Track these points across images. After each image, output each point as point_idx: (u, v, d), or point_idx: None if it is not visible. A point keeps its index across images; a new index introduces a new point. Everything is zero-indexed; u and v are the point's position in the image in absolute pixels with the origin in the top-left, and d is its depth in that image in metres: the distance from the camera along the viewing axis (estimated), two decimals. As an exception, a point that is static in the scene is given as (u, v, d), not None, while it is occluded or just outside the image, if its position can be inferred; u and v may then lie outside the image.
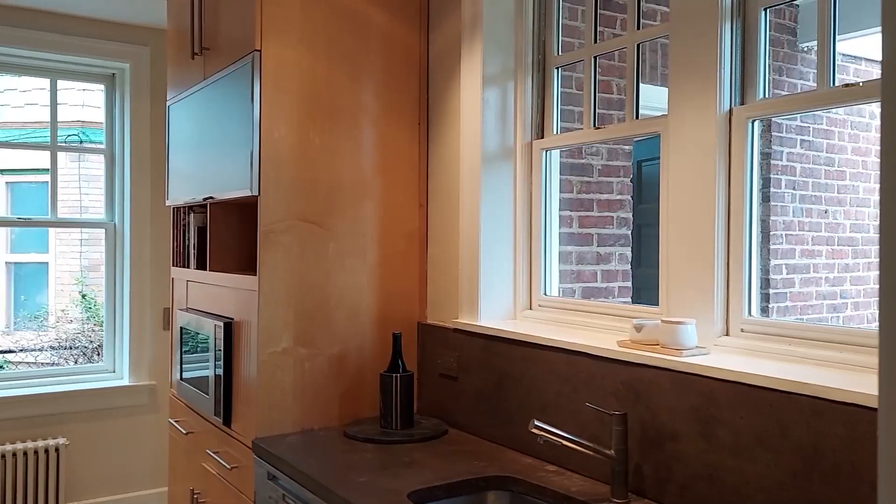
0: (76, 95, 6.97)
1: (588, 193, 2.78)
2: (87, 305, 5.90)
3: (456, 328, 2.27)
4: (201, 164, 2.56)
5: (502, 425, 2.08)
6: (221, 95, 2.38)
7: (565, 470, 1.85)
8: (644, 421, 1.66)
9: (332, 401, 2.28)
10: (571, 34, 2.72)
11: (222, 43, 2.38)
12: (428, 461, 1.91)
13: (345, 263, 2.31)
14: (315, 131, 2.25)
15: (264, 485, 2.05)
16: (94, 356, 5.22)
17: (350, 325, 2.32)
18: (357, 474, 1.79)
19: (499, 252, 2.24)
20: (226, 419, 2.33)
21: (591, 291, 2.80)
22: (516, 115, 2.26)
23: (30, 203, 7.00)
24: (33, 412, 3.46)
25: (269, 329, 2.18)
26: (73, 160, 7.01)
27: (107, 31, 3.64)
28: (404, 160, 2.42)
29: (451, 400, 2.29)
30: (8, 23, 3.40)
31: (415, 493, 1.67)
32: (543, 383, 1.94)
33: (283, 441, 2.10)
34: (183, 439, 2.73)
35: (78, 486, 3.58)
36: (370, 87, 2.34)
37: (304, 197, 2.23)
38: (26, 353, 5.60)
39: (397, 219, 2.41)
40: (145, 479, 3.76)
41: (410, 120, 2.43)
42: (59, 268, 6.84)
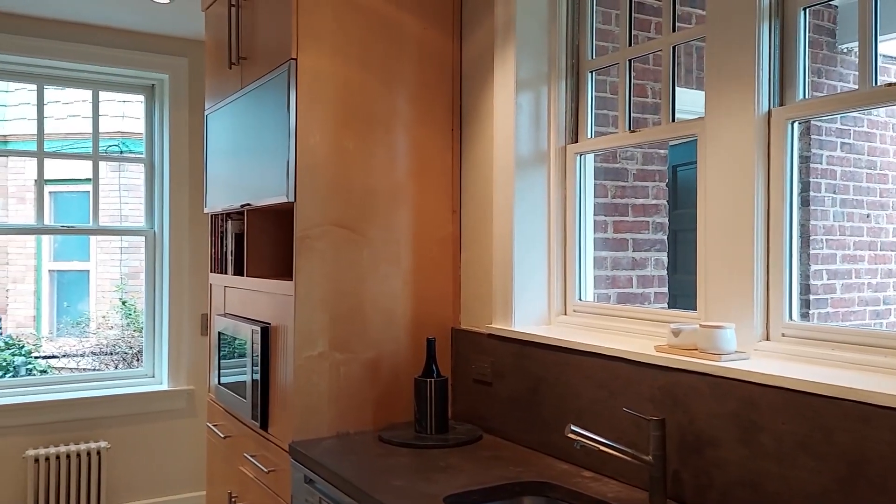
0: (116, 107, 7.14)
1: (623, 198, 2.76)
2: (127, 312, 6.03)
3: (490, 333, 2.27)
4: (238, 172, 2.60)
5: (537, 431, 2.07)
6: (258, 104, 2.42)
7: (602, 476, 1.83)
8: (682, 426, 1.64)
9: (366, 405, 2.29)
10: (605, 38, 2.71)
11: (259, 53, 2.43)
12: (463, 466, 1.90)
13: (379, 269, 2.32)
14: (349, 138, 2.27)
15: (301, 488, 2.06)
16: (133, 362, 5.32)
17: (384, 330, 2.33)
18: (393, 478, 1.80)
19: (533, 257, 2.24)
20: (263, 423, 2.36)
21: (627, 297, 2.77)
22: (550, 120, 2.25)
23: (72, 212, 7.18)
24: (76, 416, 3.54)
25: (306, 333, 2.20)
26: (114, 170, 7.18)
27: (147, 44, 3.73)
28: (437, 166, 2.43)
29: (485, 405, 2.29)
30: (54, 36, 3.51)
31: (451, 498, 1.66)
32: (579, 389, 1.93)
33: (319, 445, 2.11)
34: (221, 443, 2.76)
35: (119, 489, 3.65)
36: (403, 93, 2.36)
37: (338, 203, 2.25)
38: (69, 358, 5.74)
39: (430, 224, 2.42)
40: (184, 482, 3.82)
41: (443, 126, 2.44)
42: (99, 275, 7.00)
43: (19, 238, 7.26)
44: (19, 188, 7.50)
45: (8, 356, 5.11)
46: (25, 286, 7.15)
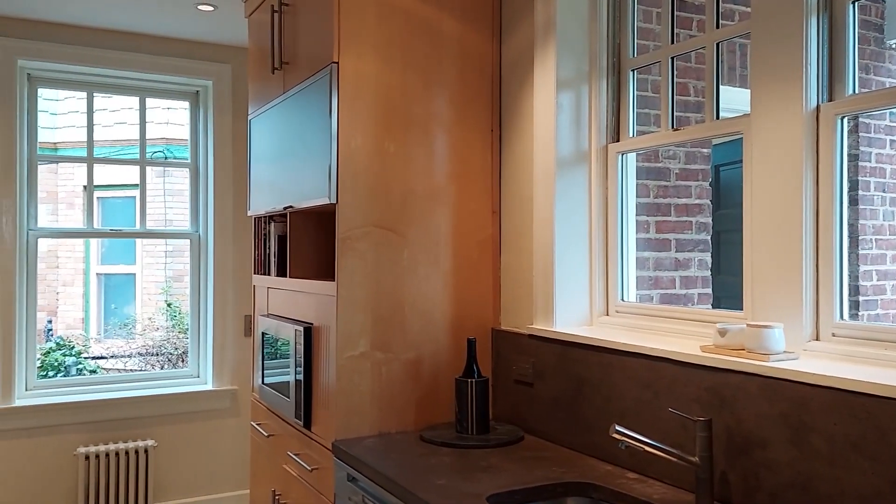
0: (162, 114, 7.32)
1: (665, 198, 2.73)
2: (172, 314, 6.16)
3: (531, 334, 2.26)
4: (281, 175, 2.64)
5: (580, 432, 2.06)
6: (300, 107, 2.45)
7: (646, 477, 1.81)
8: (730, 427, 1.61)
9: (408, 405, 2.30)
10: (645, 37, 2.68)
11: (301, 57, 2.46)
12: (505, 466, 1.90)
13: (418, 270, 2.33)
14: (390, 140, 2.29)
15: (344, 486, 2.08)
16: (178, 363, 5.44)
17: (424, 330, 2.34)
18: (435, 477, 1.81)
19: (574, 258, 2.23)
20: (306, 422, 2.39)
21: (670, 298, 2.74)
22: (591, 119, 2.24)
23: (118, 216, 7.37)
24: (124, 415, 3.63)
25: (347, 333, 2.22)
26: (158, 175, 7.36)
27: (191, 51, 3.82)
28: (477, 167, 2.43)
29: (526, 406, 2.28)
30: (103, 45, 3.61)
31: (494, 497, 1.67)
32: (622, 390, 1.91)
33: (361, 444, 2.13)
34: (264, 442, 2.81)
35: (165, 486, 3.73)
36: (443, 95, 2.37)
37: (379, 204, 2.27)
38: (116, 359, 5.89)
39: (470, 226, 2.42)
40: (228, 481, 3.88)
41: (483, 127, 2.44)
42: (145, 278, 7.17)
43: (69, 242, 7.47)
44: (68, 194, 7.73)
45: (59, 356, 5.27)
46: (75, 289, 7.36)
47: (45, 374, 4.96)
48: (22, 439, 3.45)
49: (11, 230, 3.44)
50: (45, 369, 5.00)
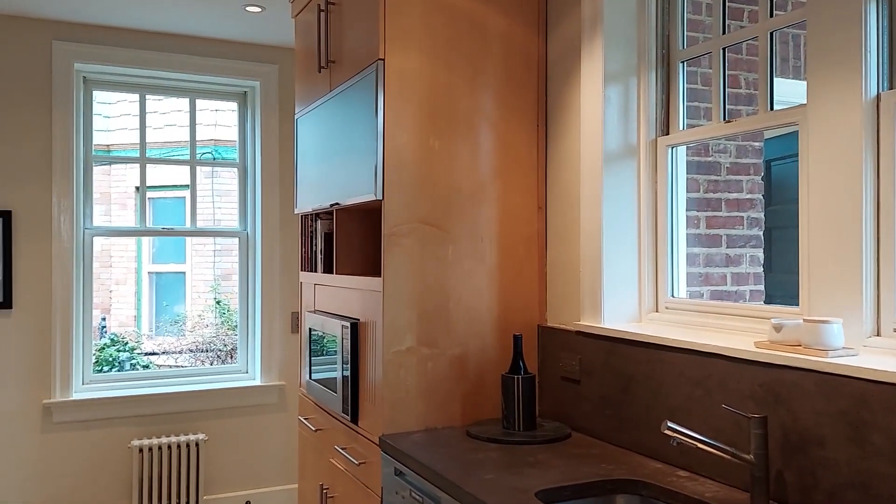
0: (209, 116, 7.47)
1: (715, 192, 2.67)
2: (221, 311, 6.29)
3: (578, 331, 2.24)
4: (327, 172, 2.67)
5: (628, 429, 2.03)
6: (346, 105, 2.48)
7: (698, 475, 1.78)
8: (785, 425, 1.57)
9: (454, 401, 2.30)
10: (694, 29, 2.63)
11: (347, 55, 2.49)
12: (553, 462, 1.89)
13: (464, 266, 2.33)
14: (435, 136, 2.29)
15: (391, 480, 2.10)
16: (227, 359, 5.55)
17: (470, 326, 2.34)
18: (483, 472, 1.80)
19: (622, 254, 2.20)
20: (353, 416, 2.41)
21: (720, 295, 2.68)
22: (639, 112, 2.21)
23: (168, 216, 7.55)
24: (176, 409, 3.72)
25: (394, 328, 2.23)
26: (207, 176, 7.51)
27: (239, 52, 3.89)
28: (523, 163, 2.42)
29: (573, 403, 2.26)
30: (154, 48, 3.70)
31: (542, 493, 1.65)
32: (672, 387, 1.88)
33: (408, 438, 2.14)
34: (312, 436, 2.84)
35: (215, 479, 3.81)
36: (489, 91, 2.37)
37: (424, 200, 2.28)
38: (167, 355, 6.04)
39: (516, 221, 2.41)
40: (276, 475, 3.94)
41: (529, 122, 2.43)
42: (194, 277, 7.34)
43: (122, 242, 7.69)
44: (121, 195, 7.95)
45: (113, 352, 5.43)
46: (127, 287, 7.57)
47: (101, 369, 5.12)
48: (79, 431, 3.56)
49: (69, 229, 3.56)
50: (100, 364, 5.17)
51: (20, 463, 3.45)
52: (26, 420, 3.47)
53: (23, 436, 3.46)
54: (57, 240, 3.52)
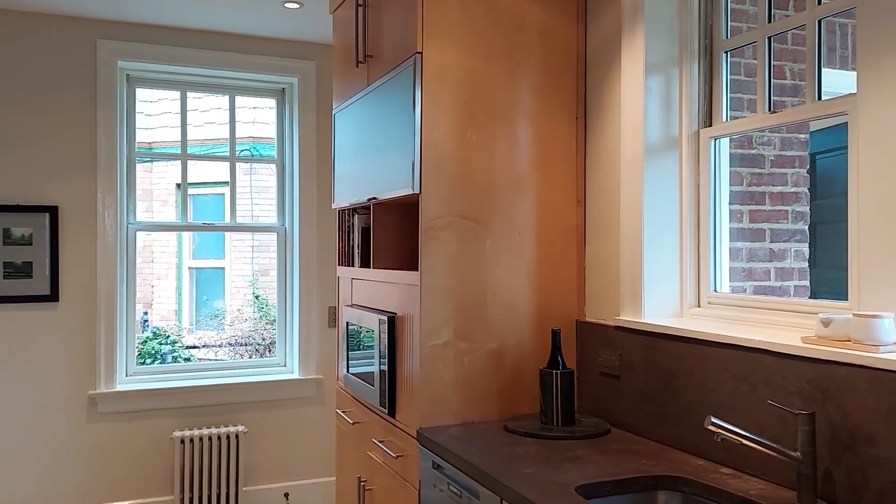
0: (248, 113, 7.57)
1: (759, 186, 2.62)
2: (260, 306, 6.37)
3: (618, 326, 2.21)
4: (365, 167, 2.68)
5: (670, 425, 2.00)
6: (384, 99, 2.48)
7: (741, 473, 1.74)
8: (834, 422, 1.53)
9: (491, 395, 2.30)
10: (737, 19, 2.58)
11: (384, 50, 2.49)
12: (592, 457, 1.87)
13: (501, 260, 2.32)
14: (473, 129, 2.28)
15: (429, 473, 2.10)
16: (265, 353, 5.63)
17: (507, 321, 2.33)
18: (521, 466, 1.79)
19: (663, 248, 2.16)
20: (390, 410, 2.42)
21: (764, 291, 2.62)
22: (681, 104, 2.17)
23: (207, 212, 7.68)
24: (217, 401, 3.78)
25: (431, 322, 2.23)
26: (245, 173, 7.61)
27: (278, 49, 3.93)
28: (561, 156, 2.40)
29: (612, 399, 2.24)
30: (195, 45, 3.76)
31: (582, 488, 1.64)
32: (716, 382, 1.85)
33: (445, 432, 2.14)
34: (350, 429, 2.86)
35: (255, 471, 3.86)
36: (527, 83, 2.35)
37: (462, 194, 2.27)
38: (207, 348, 6.15)
39: (554, 216, 2.39)
40: (314, 467, 3.99)
41: (568, 115, 2.41)
42: (233, 272, 7.45)
43: (163, 238, 7.84)
44: (162, 191, 8.10)
45: (156, 345, 5.55)
46: (168, 282, 7.72)
47: (143, 362, 5.24)
48: (123, 422, 3.64)
49: (113, 224, 3.63)
50: (142, 357, 5.28)
51: (68, 451, 3.55)
52: (73, 410, 3.56)
53: (70, 425, 3.55)
54: (101, 235, 3.60)
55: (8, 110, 3.47)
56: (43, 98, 3.52)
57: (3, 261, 3.44)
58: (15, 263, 3.45)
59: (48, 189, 3.53)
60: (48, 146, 3.53)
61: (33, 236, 3.48)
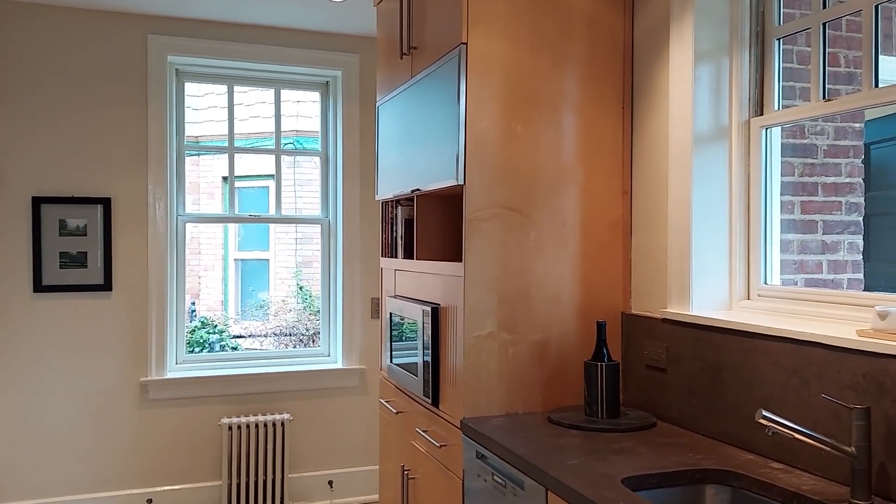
0: (291, 107, 7.66)
1: (811, 176, 2.55)
2: (304, 297, 6.46)
3: (664, 318, 2.19)
4: (408, 159, 2.69)
5: (717, 419, 1.97)
6: (428, 90, 2.49)
7: (792, 468, 1.71)
8: (890, 417, 1.49)
9: (535, 387, 2.29)
10: (790, 5, 2.51)
11: (429, 41, 2.49)
12: (638, 450, 1.86)
13: (545, 252, 2.31)
14: (517, 120, 2.28)
15: (473, 463, 2.11)
16: (309, 343, 5.71)
17: (551, 313, 2.32)
18: (566, 457, 1.79)
19: (712, 239, 2.13)
20: (434, 400, 2.43)
21: (816, 284, 2.56)
22: (732, 92, 2.13)
23: (251, 205, 7.80)
24: (263, 389, 3.85)
25: (475, 313, 2.24)
26: (289, 166, 7.71)
27: (322, 42, 3.96)
28: (607, 146, 2.38)
29: (658, 392, 2.21)
30: (241, 39, 3.82)
31: (629, 479, 1.63)
32: (766, 376, 1.81)
33: (489, 422, 2.15)
34: (393, 418, 2.89)
35: (300, 458, 3.93)
36: (572, 73, 2.33)
37: (506, 185, 2.27)
38: (253, 338, 6.27)
39: (599, 207, 2.37)
40: (358, 456, 4.04)
41: (614, 105, 2.38)
42: (277, 263, 7.57)
43: (209, 231, 7.99)
44: (209, 185, 8.26)
45: (204, 334, 5.68)
46: (215, 274, 7.88)
47: (192, 351, 5.37)
48: (173, 408, 3.74)
49: (163, 216, 3.72)
50: (191, 346, 5.42)
51: (121, 436, 3.66)
52: (125, 396, 3.66)
53: (122, 411, 3.66)
54: (152, 226, 3.70)
55: (64, 105, 3.58)
56: (97, 93, 3.62)
57: (60, 251, 3.55)
58: (70, 254, 3.57)
59: (101, 181, 3.63)
60: (102, 140, 3.63)
61: (87, 227, 3.59)
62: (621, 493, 1.53)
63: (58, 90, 3.57)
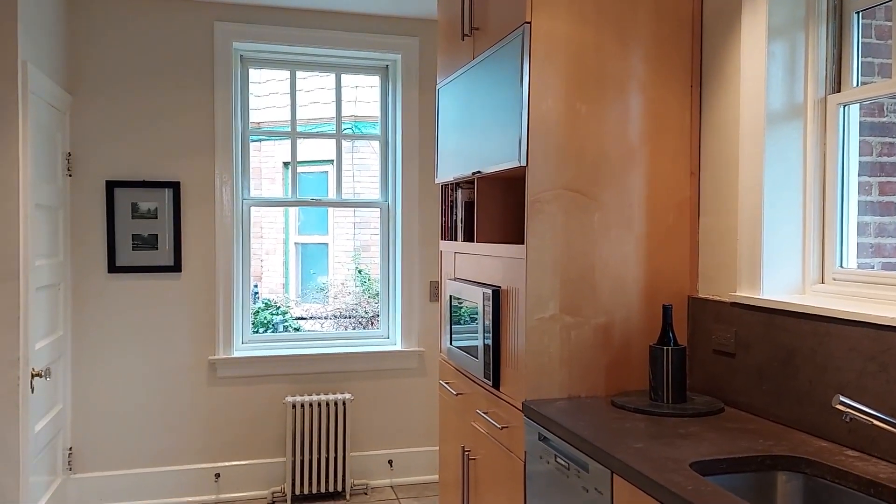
0: (350, 92, 7.73)
1: (891, 156, 2.44)
2: (363, 280, 6.55)
3: (734, 302, 2.14)
4: (469, 141, 2.69)
5: (788, 405, 1.92)
6: (491, 71, 2.47)
7: (869, 456, 1.65)
8: (979, 407, 1.43)
9: (597, 370, 2.28)
10: (870, -23, 2.40)
11: (491, 21, 2.48)
12: (705, 435, 1.82)
13: (610, 234, 2.28)
14: (581, 100, 2.25)
15: (535, 445, 2.11)
16: (368, 325, 5.79)
17: (615, 296, 2.29)
18: (632, 440, 1.77)
19: (785, 221, 2.06)
20: (494, 382, 2.44)
21: (894, 268, 2.45)
22: (807, 69, 2.05)
23: (310, 190, 7.92)
24: (325, 369, 3.93)
25: (537, 296, 2.23)
26: (348, 151, 7.79)
27: (381, 26, 3.98)
28: (674, 126, 2.32)
29: (726, 377, 2.17)
30: (304, 25, 3.87)
31: (697, 464, 1.60)
32: (842, 361, 1.76)
33: (551, 405, 2.14)
34: (453, 400, 2.91)
35: (360, 437, 4.00)
36: (638, 52, 2.28)
37: (569, 167, 2.24)
38: (314, 320, 6.39)
39: (666, 188, 2.32)
40: (416, 436, 4.09)
41: (682, 83, 2.32)
42: (336, 247, 7.68)
43: (271, 215, 8.16)
44: (270, 170, 8.42)
45: (268, 315, 5.82)
46: (276, 257, 8.05)
47: (256, 331, 5.51)
48: (240, 386, 3.85)
49: (230, 199, 3.82)
50: (255, 326, 5.56)
51: (191, 412, 3.79)
52: (195, 374, 3.79)
53: (192, 388, 3.79)
54: (219, 209, 3.80)
55: (135, 92, 3.69)
56: (166, 80, 3.73)
57: (132, 233, 3.68)
58: (142, 236, 3.70)
59: (171, 165, 3.74)
60: (171, 125, 3.74)
61: (158, 210, 3.71)
62: (690, 477, 1.51)
63: (129, 78, 3.68)
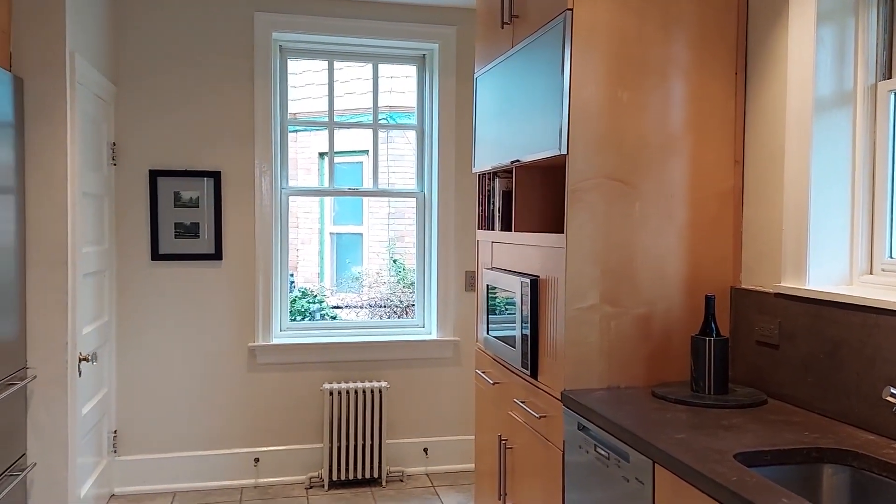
0: (385, 83, 7.74)
1: (944, 144, 2.37)
2: (397, 270, 6.58)
3: (778, 293, 2.10)
4: (507, 129, 2.68)
5: (834, 397, 1.88)
6: (530, 59, 2.46)
7: (921, 452, 1.62)
8: None
9: (637, 361, 2.26)
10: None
11: (531, 8, 2.46)
12: (748, 426, 1.80)
13: (650, 223, 2.26)
14: (623, 88, 2.22)
15: (574, 435, 2.10)
16: (403, 315, 5.83)
17: (656, 286, 2.27)
18: (673, 431, 1.76)
19: (832, 211, 2.02)
20: (532, 371, 2.44)
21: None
22: (857, 55, 2.00)
23: (345, 180, 7.98)
24: (361, 357, 3.97)
25: (576, 285, 2.22)
26: (383, 141, 7.82)
27: (418, 15, 3.98)
28: (718, 114, 2.29)
29: (769, 369, 2.13)
30: (341, 15, 3.89)
31: (741, 455, 1.59)
32: (891, 354, 1.72)
33: (591, 395, 2.14)
34: (490, 389, 2.91)
35: (396, 424, 4.04)
36: (682, 38, 2.25)
37: (610, 155, 2.22)
38: (349, 309, 6.45)
39: (709, 177, 2.29)
40: (451, 425, 4.11)
41: (726, 70, 2.28)
42: (371, 237, 7.73)
43: (306, 205, 8.24)
44: (305, 160, 8.49)
45: (305, 304, 5.88)
46: (311, 247, 8.13)
47: (294, 319, 5.58)
48: (279, 372, 3.91)
49: (269, 189, 3.87)
50: (293, 315, 5.63)
51: (231, 397, 3.86)
52: (235, 360, 3.86)
53: (233, 373, 3.86)
54: (258, 198, 3.85)
55: (176, 82, 3.75)
56: (206, 70, 3.78)
57: (175, 221, 3.75)
58: (184, 224, 3.76)
59: (212, 155, 3.80)
60: (211, 115, 3.79)
61: (199, 199, 3.77)
62: (734, 468, 1.49)
63: (171, 69, 3.74)
